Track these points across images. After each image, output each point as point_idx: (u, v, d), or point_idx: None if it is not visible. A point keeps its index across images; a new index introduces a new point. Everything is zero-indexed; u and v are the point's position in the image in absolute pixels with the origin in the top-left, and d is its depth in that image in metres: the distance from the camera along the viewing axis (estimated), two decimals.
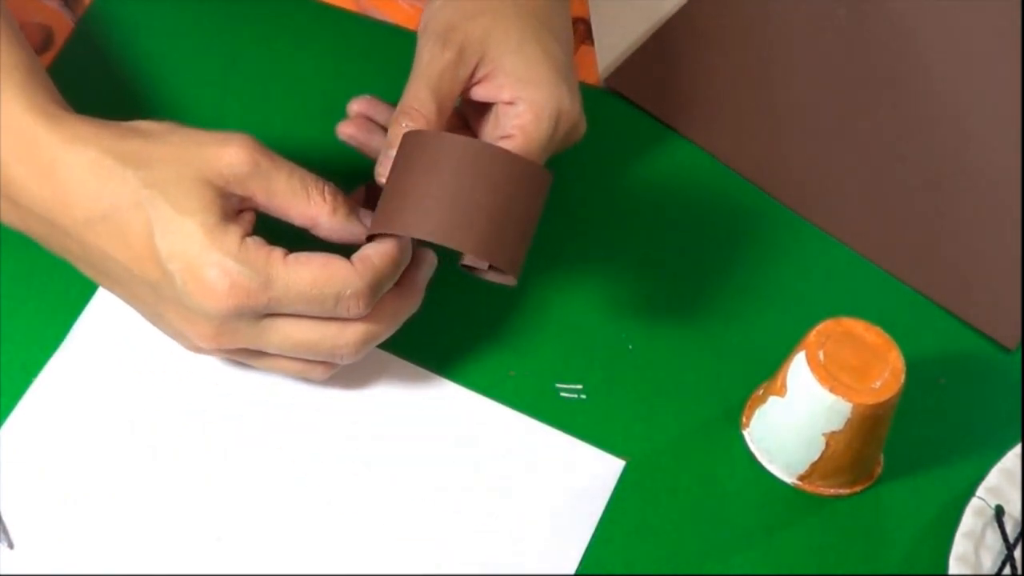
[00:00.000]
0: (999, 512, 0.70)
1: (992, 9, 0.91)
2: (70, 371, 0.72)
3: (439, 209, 0.65)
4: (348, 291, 0.65)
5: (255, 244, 0.64)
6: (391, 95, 0.83)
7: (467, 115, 0.76)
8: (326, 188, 0.66)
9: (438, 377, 0.73)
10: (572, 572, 0.69)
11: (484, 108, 0.73)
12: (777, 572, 0.70)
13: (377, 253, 0.66)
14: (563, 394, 0.74)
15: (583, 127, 0.74)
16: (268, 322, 0.65)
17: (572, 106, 0.72)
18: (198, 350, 0.67)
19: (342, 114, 0.77)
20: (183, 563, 0.67)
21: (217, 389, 0.72)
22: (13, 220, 0.67)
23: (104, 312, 0.73)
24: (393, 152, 0.68)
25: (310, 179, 0.66)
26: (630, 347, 0.76)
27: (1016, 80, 0.87)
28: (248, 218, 0.65)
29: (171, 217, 0.63)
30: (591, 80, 0.86)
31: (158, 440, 0.70)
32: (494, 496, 0.70)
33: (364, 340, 0.67)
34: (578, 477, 0.71)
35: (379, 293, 0.66)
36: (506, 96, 0.71)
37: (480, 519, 0.70)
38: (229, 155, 0.64)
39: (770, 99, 0.87)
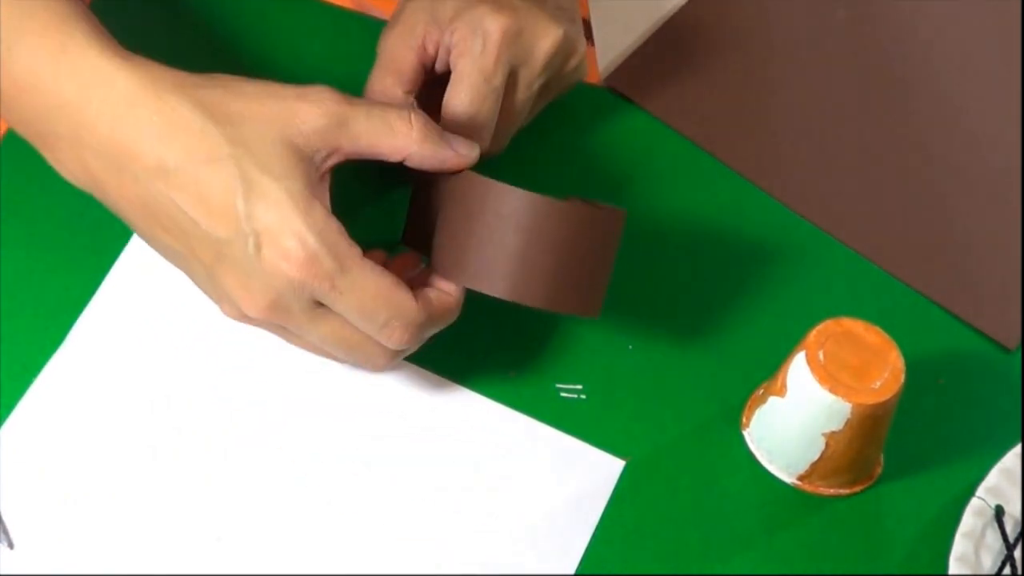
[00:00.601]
0: (999, 512, 0.70)
1: (992, 9, 0.91)
2: (70, 371, 0.72)
3: (506, 265, 0.66)
4: (399, 321, 0.65)
5: (339, 229, 0.64)
6: None
7: None
8: (412, 116, 0.66)
9: (438, 377, 0.73)
10: (572, 572, 0.69)
11: None
12: (777, 572, 0.70)
13: (439, 300, 0.67)
14: (563, 394, 0.74)
15: (571, 56, 0.76)
16: (320, 312, 0.65)
17: (532, 24, 0.73)
18: (242, 318, 0.66)
19: None
20: (183, 563, 0.68)
21: (217, 389, 0.72)
22: (71, 164, 0.66)
23: (104, 312, 0.73)
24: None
25: (391, 112, 0.66)
26: (630, 347, 0.76)
27: (1016, 80, 0.87)
28: (328, 182, 0.65)
29: (257, 179, 0.62)
30: (592, 79, 0.86)
31: (158, 440, 0.70)
32: (494, 496, 0.70)
33: (394, 362, 0.68)
34: (578, 477, 0.71)
35: (425, 335, 0.67)
36: (449, 24, 0.73)
37: (480, 519, 0.70)
38: (307, 111, 0.64)
39: (770, 99, 0.87)
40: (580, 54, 0.77)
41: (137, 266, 0.75)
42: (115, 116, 0.63)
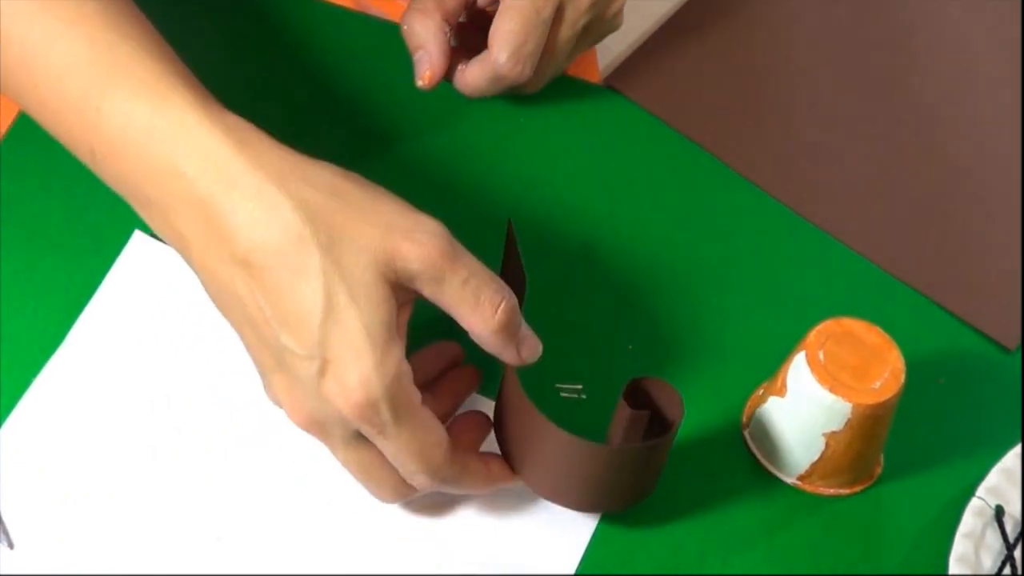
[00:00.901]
0: (999, 512, 0.70)
1: (992, 9, 0.91)
2: (70, 371, 0.72)
3: (547, 476, 0.68)
4: (431, 474, 0.64)
5: (407, 377, 0.61)
6: (389, 92, 0.83)
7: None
8: (503, 304, 0.63)
9: None
10: (572, 572, 0.69)
11: None
12: (777, 572, 0.70)
13: (476, 468, 0.66)
14: (563, 394, 0.74)
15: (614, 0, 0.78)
16: (358, 442, 0.63)
17: None
18: (280, 408, 0.64)
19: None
20: (183, 563, 0.67)
21: (217, 389, 0.72)
22: (162, 225, 0.63)
23: (104, 312, 0.73)
24: (422, 55, 0.78)
25: (488, 288, 0.63)
26: (630, 347, 0.76)
27: (1016, 80, 0.87)
28: (408, 314, 0.63)
29: (342, 305, 0.60)
30: (592, 78, 0.86)
31: (158, 440, 0.70)
32: (494, 496, 0.70)
33: (403, 500, 0.67)
34: None
35: (449, 487, 0.66)
36: None
37: (480, 519, 0.70)
38: (409, 251, 0.61)
39: (770, 98, 0.87)
40: (622, 0, 0.79)
41: (137, 266, 0.75)
42: (211, 192, 0.60)
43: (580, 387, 0.74)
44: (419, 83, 0.79)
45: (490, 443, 0.70)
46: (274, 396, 0.63)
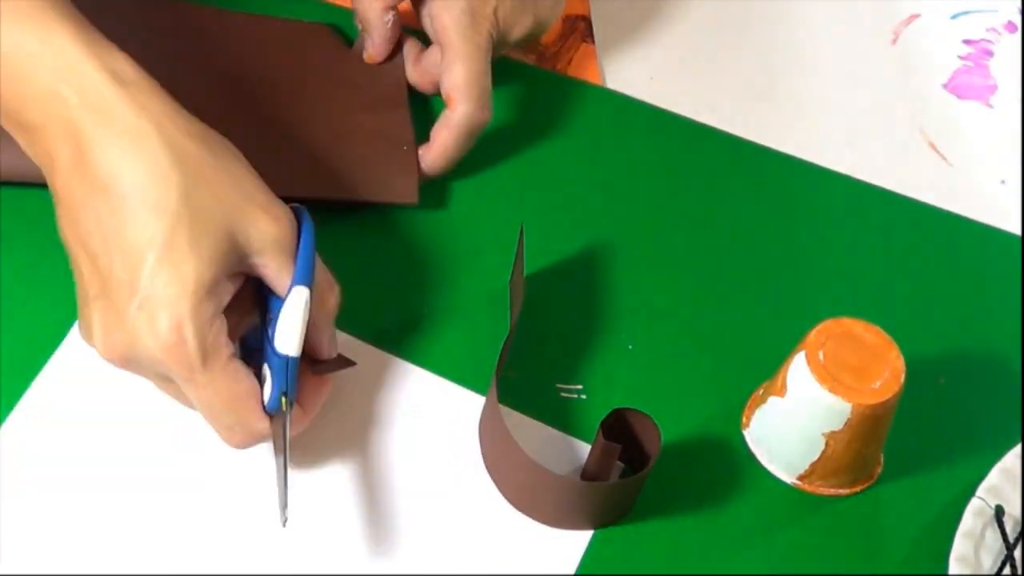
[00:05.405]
0: (999, 512, 0.70)
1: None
2: (70, 371, 0.72)
3: (521, 493, 0.69)
4: (243, 430, 0.65)
5: (220, 329, 0.63)
6: None
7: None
8: (336, 288, 0.67)
9: (439, 378, 0.74)
10: (572, 572, 0.69)
11: None
12: (777, 572, 0.70)
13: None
14: (563, 394, 0.74)
15: (531, 18, 0.80)
16: (171, 380, 0.65)
17: None
18: (91, 346, 0.65)
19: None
20: (183, 563, 0.67)
21: None
22: (39, 152, 0.64)
23: None
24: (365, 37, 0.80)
25: (326, 274, 0.67)
26: (630, 347, 0.76)
27: None
28: (239, 285, 0.65)
29: (180, 248, 0.61)
30: (592, 79, 0.86)
31: (157, 440, 0.70)
32: (495, 496, 0.70)
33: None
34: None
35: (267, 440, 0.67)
36: None
37: (480, 518, 0.70)
38: (272, 226, 0.64)
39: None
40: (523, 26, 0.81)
41: None
42: (88, 121, 0.62)
43: (580, 387, 0.74)
44: (364, 58, 0.82)
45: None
46: (87, 327, 0.64)
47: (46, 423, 0.70)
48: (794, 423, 0.70)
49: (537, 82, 0.86)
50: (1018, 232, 0.83)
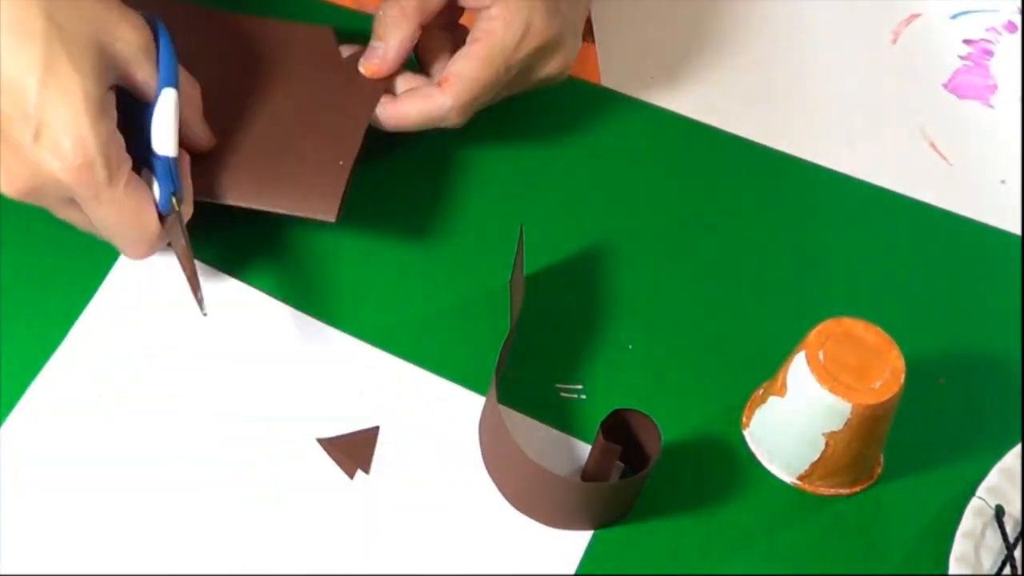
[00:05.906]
0: (999, 512, 0.70)
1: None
2: (70, 371, 0.72)
3: (520, 494, 0.70)
4: (144, 241, 0.67)
5: (120, 143, 0.64)
6: None
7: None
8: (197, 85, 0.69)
9: (439, 378, 0.73)
10: (572, 572, 0.69)
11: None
12: (777, 572, 0.70)
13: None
14: (563, 394, 0.74)
15: (561, 61, 0.77)
16: (73, 207, 0.65)
17: (546, 25, 0.74)
18: None
19: None
20: (183, 563, 0.67)
21: (218, 390, 0.72)
22: None
23: (104, 313, 0.73)
24: (377, 44, 0.76)
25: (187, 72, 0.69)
26: (630, 347, 0.76)
27: None
28: (113, 99, 0.65)
29: (61, 68, 0.61)
30: (592, 78, 0.86)
31: (157, 440, 0.70)
32: (495, 496, 0.70)
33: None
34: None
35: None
36: (486, 1, 0.74)
37: (480, 518, 0.70)
38: (132, 34, 0.65)
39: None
40: (560, 59, 0.77)
41: (137, 267, 0.75)
42: None
43: (580, 387, 0.74)
44: (362, 69, 0.77)
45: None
46: None
47: (46, 423, 0.70)
48: (794, 423, 0.70)
49: None
50: (1018, 232, 0.83)
